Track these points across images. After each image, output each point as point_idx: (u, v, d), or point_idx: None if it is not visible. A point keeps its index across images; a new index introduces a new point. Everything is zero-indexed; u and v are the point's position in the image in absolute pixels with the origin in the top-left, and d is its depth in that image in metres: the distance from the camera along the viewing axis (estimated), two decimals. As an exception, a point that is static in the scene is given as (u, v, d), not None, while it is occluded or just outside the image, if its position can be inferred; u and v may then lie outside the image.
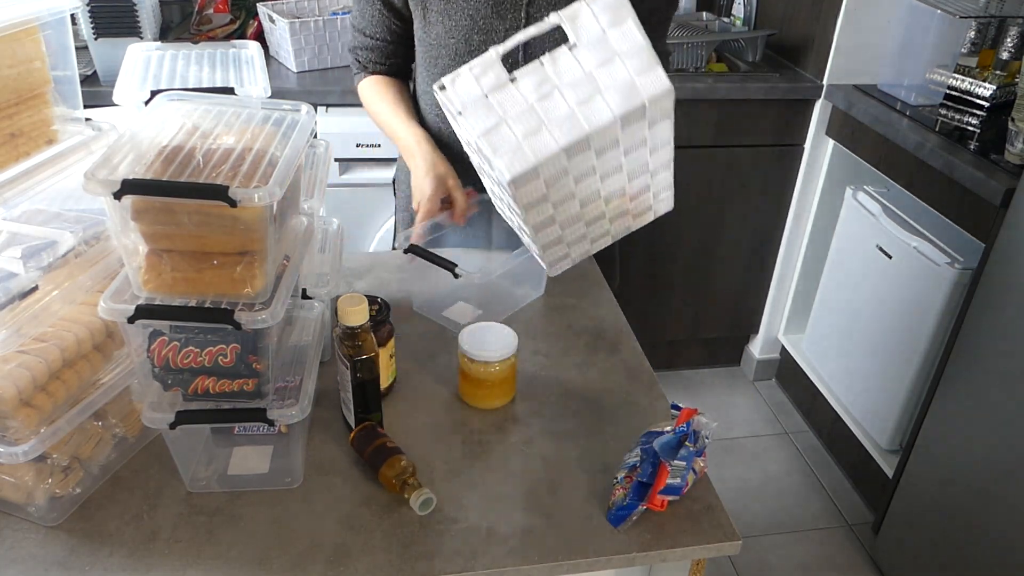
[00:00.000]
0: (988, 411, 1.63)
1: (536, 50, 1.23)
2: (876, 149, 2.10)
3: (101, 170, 0.79)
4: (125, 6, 1.96)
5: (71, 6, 0.98)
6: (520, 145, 0.94)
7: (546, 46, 1.18)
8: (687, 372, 2.78)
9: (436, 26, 1.27)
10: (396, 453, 0.94)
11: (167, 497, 0.93)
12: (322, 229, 1.16)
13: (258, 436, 1.00)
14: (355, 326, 0.94)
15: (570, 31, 0.98)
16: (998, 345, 1.60)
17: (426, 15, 1.27)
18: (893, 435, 2.10)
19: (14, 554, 0.86)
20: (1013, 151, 1.75)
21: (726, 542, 0.91)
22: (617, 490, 0.93)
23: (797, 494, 2.29)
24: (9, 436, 0.83)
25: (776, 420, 2.57)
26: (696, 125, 2.25)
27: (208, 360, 0.86)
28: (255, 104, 0.98)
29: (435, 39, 1.28)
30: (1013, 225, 1.57)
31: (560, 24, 0.98)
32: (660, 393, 1.13)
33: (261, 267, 0.84)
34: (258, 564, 0.86)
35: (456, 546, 0.88)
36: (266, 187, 0.79)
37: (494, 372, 1.05)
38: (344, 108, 2.03)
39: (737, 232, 2.48)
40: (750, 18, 2.56)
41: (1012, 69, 2.08)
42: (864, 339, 2.20)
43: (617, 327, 1.27)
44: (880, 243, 2.10)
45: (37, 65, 0.96)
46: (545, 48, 1.12)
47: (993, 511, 1.63)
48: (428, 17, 1.27)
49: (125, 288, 0.85)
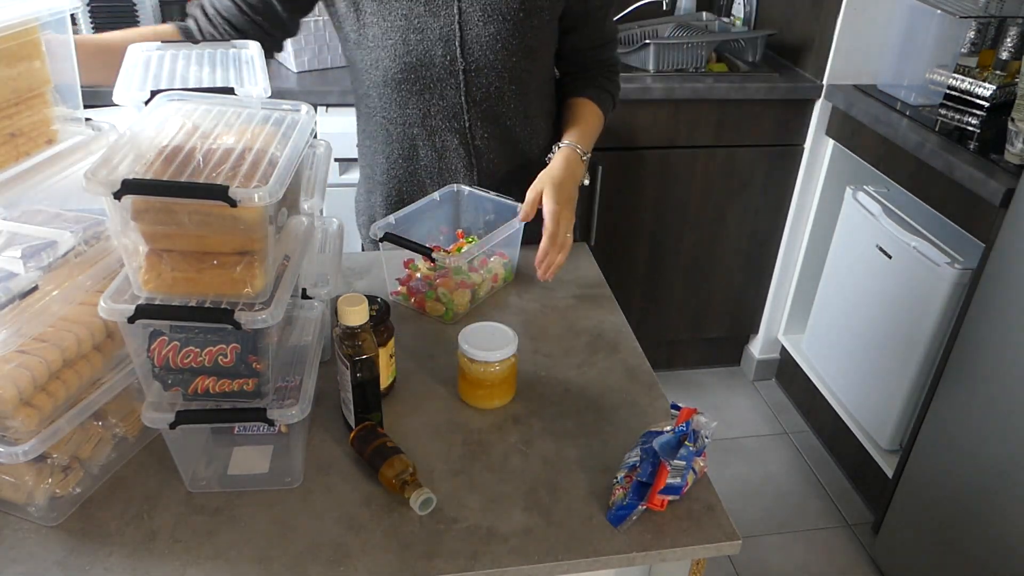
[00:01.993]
0: (988, 411, 1.63)
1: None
2: (876, 149, 2.10)
3: (101, 170, 0.79)
4: (125, 6, 1.97)
5: (71, 6, 0.98)
6: None
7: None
8: (687, 372, 2.78)
9: (372, 28, 1.27)
10: (396, 453, 0.94)
11: (167, 497, 0.93)
12: (322, 229, 1.16)
13: (258, 436, 1.00)
14: (355, 326, 0.94)
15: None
16: (998, 345, 1.60)
17: (360, 17, 1.27)
18: (893, 435, 2.10)
19: (14, 554, 0.86)
20: (1013, 151, 1.75)
21: (726, 542, 0.91)
22: (617, 490, 0.93)
23: (797, 494, 2.29)
24: (9, 436, 0.83)
25: (776, 420, 2.57)
26: (696, 125, 2.25)
27: (208, 360, 0.86)
28: (255, 104, 0.97)
29: (372, 41, 1.28)
30: (1013, 225, 1.57)
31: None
32: (660, 393, 1.13)
33: (261, 267, 0.84)
34: (258, 564, 0.86)
35: (456, 546, 0.88)
36: (266, 187, 0.79)
37: (494, 372, 1.05)
38: (344, 108, 2.03)
39: (737, 232, 2.48)
40: (750, 18, 2.56)
41: (1012, 69, 2.08)
42: (864, 339, 2.20)
43: (617, 327, 1.27)
44: (880, 243, 2.10)
45: (37, 65, 0.96)
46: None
47: (993, 511, 1.63)
48: (362, 19, 1.27)
49: (125, 288, 0.85)
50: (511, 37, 1.24)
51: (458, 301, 1.25)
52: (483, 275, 1.30)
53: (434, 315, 1.27)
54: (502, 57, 1.26)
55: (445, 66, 1.25)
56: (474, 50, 1.24)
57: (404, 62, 1.26)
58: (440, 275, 1.25)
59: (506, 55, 1.26)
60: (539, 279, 1.25)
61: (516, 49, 1.26)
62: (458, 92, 1.28)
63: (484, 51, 1.25)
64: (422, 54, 1.25)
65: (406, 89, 1.29)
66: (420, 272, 1.29)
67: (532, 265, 1.27)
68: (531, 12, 1.24)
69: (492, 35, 1.23)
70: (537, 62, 1.31)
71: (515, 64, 1.27)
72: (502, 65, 1.27)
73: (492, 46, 1.24)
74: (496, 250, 1.34)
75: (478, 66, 1.26)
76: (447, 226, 1.38)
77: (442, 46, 1.25)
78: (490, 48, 1.25)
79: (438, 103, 1.29)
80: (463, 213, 1.39)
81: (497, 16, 1.23)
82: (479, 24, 1.24)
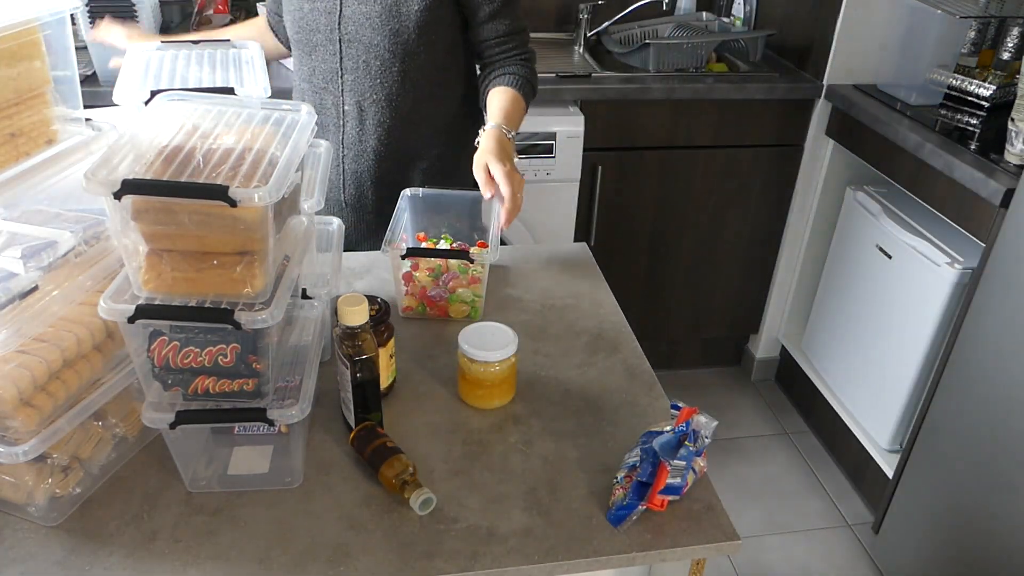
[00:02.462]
0: (988, 411, 1.63)
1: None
2: (876, 149, 2.10)
3: (101, 170, 0.79)
4: (125, 6, 1.96)
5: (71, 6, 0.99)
6: None
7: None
8: (687, 372, 2.78)
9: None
10: (396, 453, 0.94)
11: (167, 497, 0.93)
12: (322, 229, 1.16)
13: (258, 436, 1.00)
14: (355, 326, 0.94)
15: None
16: (998, 345, 1.60)
17: None
18: (893, 435, 2.10)
19: (14, 554, 0.86)
20: (1013, 151, 1.75)
21: (726, 542, 0.91)
22: (617, 490, 0.93)
23: (797, 494, 2.29)
24: (9, 436, 0.83)
25: (776, 420, 2.57)
26: (696, 125, 2.25)
27: (208, 360, 0.86)
28: (255, 104, 0.98)
29: (286, 6, 1.50)
30: (1013, 225, 1.57)
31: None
32: (660, 393, 1.13)
33: (261, 267, 0.84)
34: (258, 564, 0.86)
35: (456, 546, 0.88)
36: (266, 187, 0.79)
37: (494, 372, 1.05)
38: (344, 108, 2.03)
39: (737, 232, 2.48)
40: (750, 18, 2.56)
41: (1012, 69, 2.08)
42: (864, 339, 2.20)
43: (617, 327, 1.27)
44: (880, 243, 2.10)
45: (37, 65, 0.96)
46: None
47: (993, 511, 1.63)
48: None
49: (125, 288, 0.85)
50: (379, 18, 1.40)
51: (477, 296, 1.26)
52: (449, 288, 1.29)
53: (460, 317, 1.25)
54: (369, 35, 1.41)
55: (327, 34, 1.44)
56: (349, 24, 1.42)
57: (298, 26, 1.47)
58: (451, 277, 1.25)
59: (372, 32, 1.41)
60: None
61: (384, 30, 1.41)
62: (335, 58, 1.46)
63: (357, 27, 1.41)
64: (312, 22, 1.45)
65: (300, 49, 1.50)
66: (423, 283, 1.26)
67: (522, 261, 1.29)
68: (401, 0, 1.39)
69: (365, 13, 1.40)
70: (412, 45, 1.42)
71: (379, 43, 1.42)
72: (368, 41, 1.42)
73: (363, 23, 1.41)
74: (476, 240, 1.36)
75: (350, 39, 1.43)
76: (407, 232, 1.36)
77: (326, 17, 1.43)
78: (362, 25, 1.41)
79: (320, 66, 1.48)
80: (417, 216, 1.39)
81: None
82: (356, 3, 1.41)
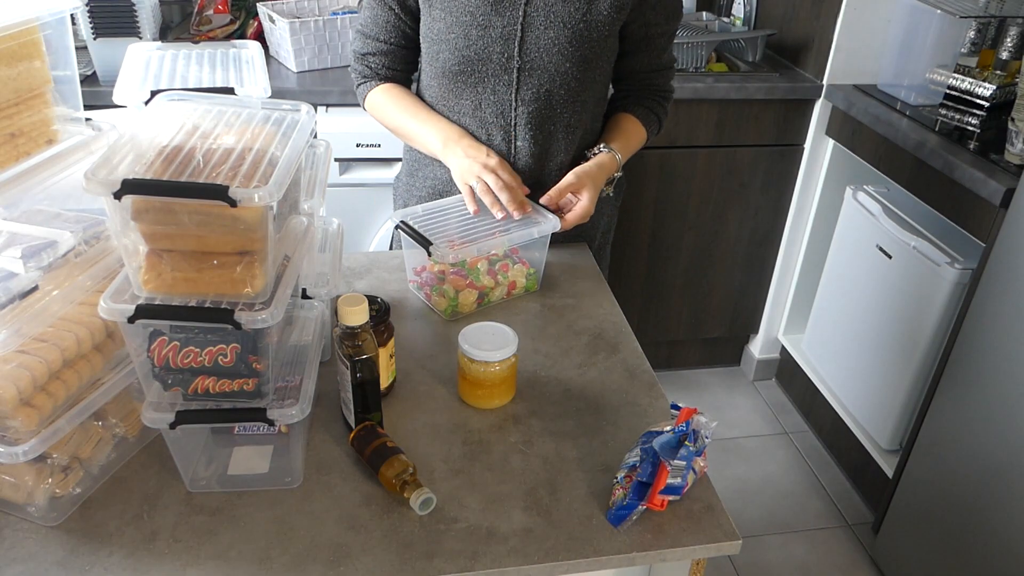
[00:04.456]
0: (988, 411, 1.63)
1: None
2: (876, 149, 2.10)
3: (101, 170, 0.79)
4: (125, 6, 1.96)
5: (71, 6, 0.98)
6: None
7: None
8: (687, 372, 2.78)
9: (439, 23, 1.33)
10: (396, 453, 0.94)
11: (167, 497, 0.93)
12: (322, 229, 1.16)
13: (258, 436, 1.00)
14: (355, 326, 0.94)
15: None
16: (998, 345, 1.60)
17: (430, 11, 1.34)
18: (893, 435, 2.10)
19: (14, 554, 0.86)
20: (1013, 151, 1.75)
21: (726, 542, 0.91)
22: (617, 490, 0.93)
23: (797, 494, 2.29)
24: (9, 436, 0.83)
25: (776, 420, 2.57)
26: (696, 125, 2.25)
27: (208, 360, 0.86)
28: (255, 104, 0.98)
29: (436, 35, 1.34)
30: (1013, 225, 1.57)
31: None
32: (660, 393, 1.13)
33: (261, 267, 0.84)
34: (258, 564, 0.86)
35: (456, 546, 0.88)
36: (266, 187, 0.79)
37: (494, 372, 1.05)
38: (344, 108, 2.03)
39: (737, 232, 2.48)
40: (750, 18, 2.56)
41: (1012, 69, 2.08)
42: (864, 339, 2.20)
43: (617, 327, 1.27)
44: (880, 243, 2.10)
45: (37, 65, 0.96)
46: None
47: (993, 511, 1.63)
48: (432, 14, 1.34)
49: (125, 288, 0.85)
50: (568, 44, 1.30)
51: (462, 300, 1.25)
52: (498, 281, 1.30)
53: (437, 308, 1.27)
54: (556, 62, 1.31)
55: (501, 63, 1.31)
56: (531, 51, 1.30)
57: (463, 55, 1.32)
58: (454, 272, 1.26)
59: (560, 60, 1.31)
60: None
61: (571, 56, 1.31)
62: (510, 89, 1.33)
63: (540, 53, 1.30)
64: (481, 50, 1.31)
65: (461, 81, 1.35)
66: (437, 266, 1.28)
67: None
68: (591, 25, 1.30)
69: (551, 39, 1.30)
70: (590, 73, 1.35)
71: (567, 71, 1.32)
72: (555, 69, 1.32)
73: (549, 50, 1.30)
74: (520, 258, 1.34)
75: (532, 67, 1.31)
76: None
77: (501, 44, 1.30)
78: (546, 51, 1.30)
79: (490, 97, 1.35)
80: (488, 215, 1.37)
81: (558, 22, 1.29)
82: (540, 28, 1.29)
